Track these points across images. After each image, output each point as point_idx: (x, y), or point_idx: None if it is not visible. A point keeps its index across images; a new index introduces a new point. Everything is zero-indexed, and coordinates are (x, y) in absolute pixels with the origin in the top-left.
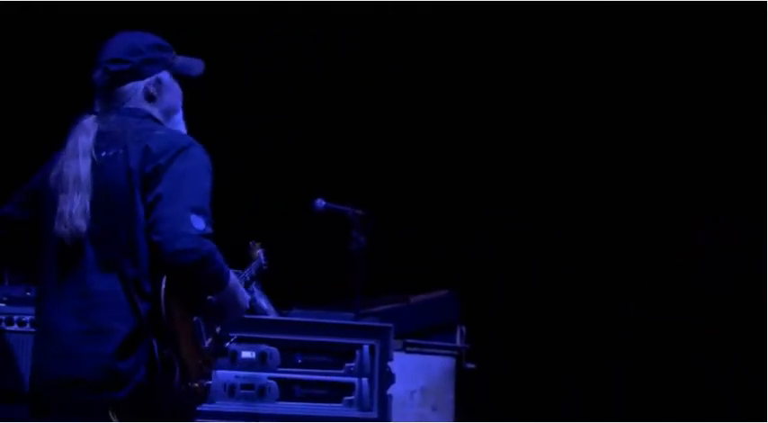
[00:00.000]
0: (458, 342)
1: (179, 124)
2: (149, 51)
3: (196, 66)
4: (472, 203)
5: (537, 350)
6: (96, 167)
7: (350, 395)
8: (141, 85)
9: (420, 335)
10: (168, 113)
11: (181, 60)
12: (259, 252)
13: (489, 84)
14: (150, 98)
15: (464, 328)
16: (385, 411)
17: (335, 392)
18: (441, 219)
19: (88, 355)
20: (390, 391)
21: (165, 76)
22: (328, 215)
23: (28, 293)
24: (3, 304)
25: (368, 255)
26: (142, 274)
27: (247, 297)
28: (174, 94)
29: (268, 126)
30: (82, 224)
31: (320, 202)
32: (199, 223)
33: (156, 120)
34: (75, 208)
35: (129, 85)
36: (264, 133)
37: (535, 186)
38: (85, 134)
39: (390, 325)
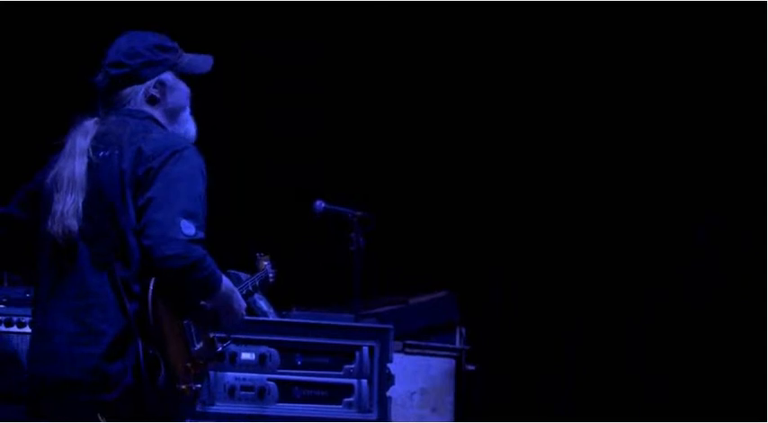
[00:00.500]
0: (457, 343)
1: (186, 122)
2: (150, 53)
3: (203, 63)
4: (472, 204)
5: (536, 351)
6: (92, 168)
7: (349, 397)
8: (141, 88)
9: (420, 336)
10: (173, 113)
11: (187, 59)
12: (266, 264)
13: (489, 84)
14: (152, 100)
15: (464, 330)
16: (385, 413)
17: (335, 394)
18: (440, 219)
19: (82, 357)
20: (390, 392)
21: (167, 76)
22: (328, 217)
23: (27, 295)
24: (2, 305)
25: (367, 256)
26: (132, 276)
27: (243, 304)
28: (179, 93)
29: (268, 126)
30: (73, 223)
31: (320, 204)
32: (189, 228)
33: (156, 121)
34: (68, 207)
35: (128, 89)
36: (265, 134)
37: (535, 186)
38: (83, 135)
39: (390, 326)
